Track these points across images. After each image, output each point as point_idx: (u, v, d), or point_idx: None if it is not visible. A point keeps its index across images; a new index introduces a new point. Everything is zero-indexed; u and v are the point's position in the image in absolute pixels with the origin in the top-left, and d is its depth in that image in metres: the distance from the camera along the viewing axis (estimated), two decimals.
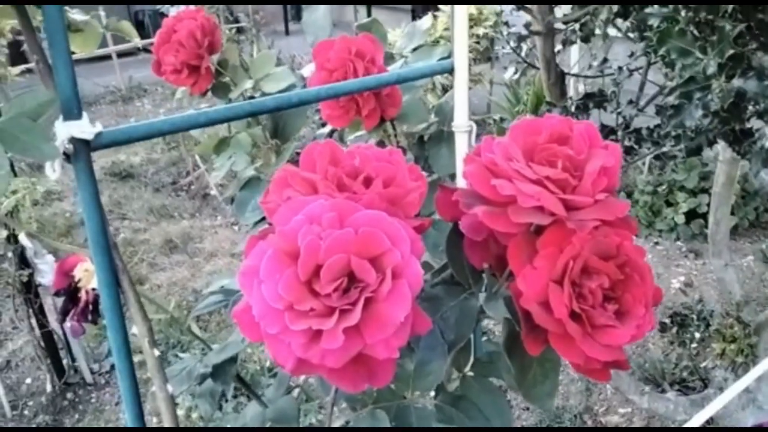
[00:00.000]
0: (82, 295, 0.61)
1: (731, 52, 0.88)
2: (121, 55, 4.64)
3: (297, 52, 4.89)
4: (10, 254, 2.04)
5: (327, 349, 0.45)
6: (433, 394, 0.62)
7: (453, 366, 0.67)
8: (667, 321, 2.17)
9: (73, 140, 0.51)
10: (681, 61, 0.91)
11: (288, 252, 0.47)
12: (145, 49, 5.34)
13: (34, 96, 0.48)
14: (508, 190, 0.51)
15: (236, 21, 4.73)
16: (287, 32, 6.32)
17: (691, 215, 2.95)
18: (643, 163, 3.21)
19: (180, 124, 0.56)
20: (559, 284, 0.50)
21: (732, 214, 2.82)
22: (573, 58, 2.64)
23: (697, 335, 2.09)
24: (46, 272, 2.06)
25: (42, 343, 2.19)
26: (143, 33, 5.24)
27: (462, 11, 0.72)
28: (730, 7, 0.84)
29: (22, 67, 2.19)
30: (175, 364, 0.72)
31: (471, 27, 3.47)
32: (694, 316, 2.13)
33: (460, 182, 0.79)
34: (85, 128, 0.51)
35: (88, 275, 0.61)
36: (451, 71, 0.75)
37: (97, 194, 0.54)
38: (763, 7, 0.90)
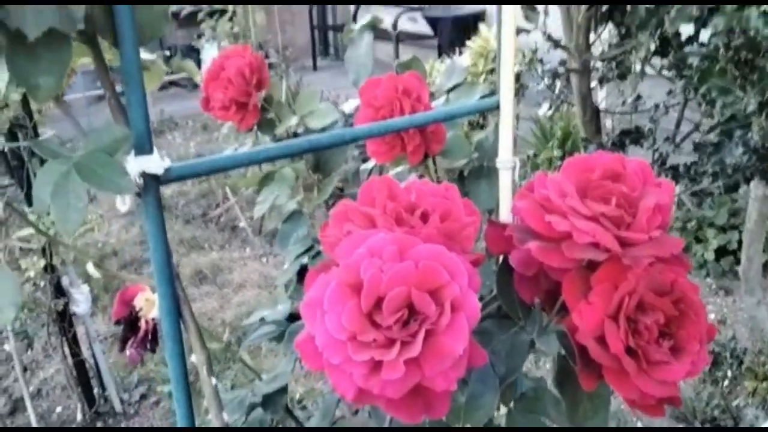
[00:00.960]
0: (142, 324, 0.63)
1: None
2: None
3: (325, 87, 4.97)
4: (43, 283, 2.08)
5: (387, 379, 0.46)
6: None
7: (500, 401, 0.67)
8: None
9: (144, 175, 0.53)
10: (722, 99, 0.92)
11: (351, 284, 0.48)
12: (177, 84, 5.47)
13: (110, 132, 0.51)
14: (563, 226, 0.52)
15: (266, 56, 4.82)
16: (315, 68, 6.43)
17: (721, 252, 2.92)
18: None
19: (242, 160, 0.58)
20: (615, 320, 0.51)
21: (764, 251, 2.79)
22: (601, 94, 2.66)
23: (729, 373, 2.06)
24: (81, 301, 2.10)
25: (74, 372, 2.21)
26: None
27: (509, 49, 0.74)
28: None
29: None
30: (227, 393, 0.73)
31: None
32: (727, 354, 2.10)
33: (504, 217, 0.80)
34: (156, 163, 0.53)
35: (149, 305, 0.63)
36: (496, 108, 0.77)
37: (163, 227, 0.56)
38: None
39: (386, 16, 5.77)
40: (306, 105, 1.03)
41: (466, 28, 4.62)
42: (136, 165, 0.53)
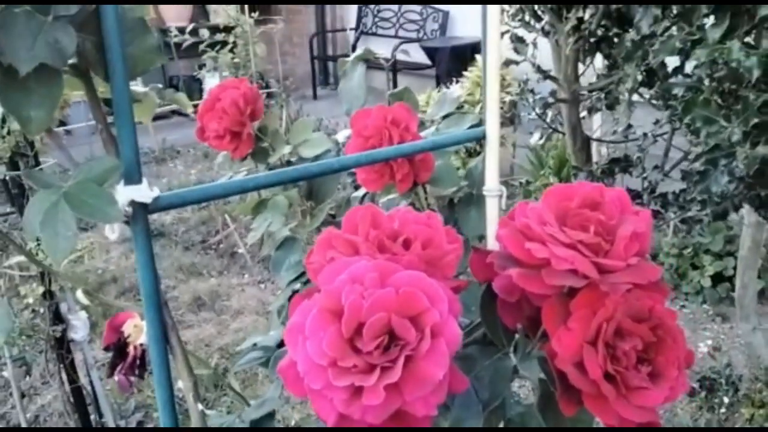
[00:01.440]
0: (131, 350, 0.64)
1: (756, 120, 0.91)
2: (155, 118, 4.79)
3: (325, 115, 5.01)
4: (42, 310, 2.09)
5: (368, 405, 0.47)
6: None
7: (486, 426, 0.67)
8: (696, 386, 2.13)
9: (133, 203, 0.55)
10: (706, 129, 0.94)
11: (332, 310, 0.49)
12: (179, 113, 5.52)
13: (101, 163, 0.52)
14: (542, 253, 0.53)
15: (267, 86, 4.87)
16: (315, 97, 6.49)
17: (718, 278, 2.92)
18: (668, 226, 3.20)
19: (232, 189, 0.60)
20: (594, 346, 0.51)
21: (759, 278, 2.80)
22: (595, 123, 2.68)
23: (726, 400, 2.05)
24: (79, 328, 2.10)
25: (71, 399, 2.20)
26: None
27: (494, 81, 0.76)
28: (754, 77, 0.87)
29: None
30: (214, 418, 0.74)
31: None
32: (723, 381, 2.10)
33: (491, 244, 0.81)
34: (144, 192, 0.55)
35: (137, 331, 0.64)
36: (483, 137, 0.79)
37: (152, 254, 0.57)
38: None
39: (385, 46, 5.84)
40: (299, 134, 1.05)
41: (464, 58, 4.68)
42: (125, 194, 0.54)
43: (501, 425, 0.70)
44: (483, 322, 0.61)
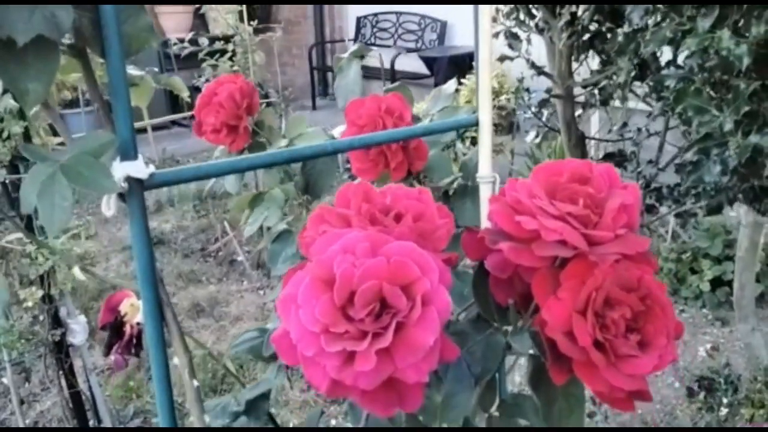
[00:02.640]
0: (127, 329, 0.65)
1: (746, 109, 0.92)
2: (155, 128, 4.81)
3: (324, 125, 5.03)
4: (42, 317, 2.09)
5: (360, 371, 0.48)
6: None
7: (479, 406, 0.68)
8: (695, 386, 2.13)
9: (129, 179, 0.56)
10: (698, 119, 0.95)
11: (324, 279, 0.50)
12: (178, 123, 5.55)
13: (96, 137, 0.53)
14: (532, 225, 0.54)
15: (266, 96, 4.90)
16: (314, 107, 6.51)
17: (717, 283, 2.92)
18: (666, 231, 3.20)
19: (225, 168, 0.61)
20: (583, 314, 0.52)
21: (757, 281, 2.80)
22: (593, 125, 2.70)
23: (725, 401, 2.05)
24: (78, 332, 2.10)
25: (70, 404, 2.20)
26: (178, 108, 5.44)
27: (485, 65, 0.77)
28: (744, 66, 0.88)
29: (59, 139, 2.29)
30: (210, 400, 0.74)
31: (493, 101, 3.57)
32: (722, 380, 2.09)
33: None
34: (140, 168, 0.56)
35: (133, 310, 0.65)
36: (475, 124, 0.80)
37: (147, 230, 0.58)
38: None
39: (384, 56, 5.88)
40: (295, 129, 1.06)
41: (462, 67, 4.71)
42: (121, 169, 0.55)
43: (495, 404, 0.70)
44: (475, 298, 0.62)
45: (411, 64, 5.78)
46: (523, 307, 0.61)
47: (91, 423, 2.26)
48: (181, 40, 3.29)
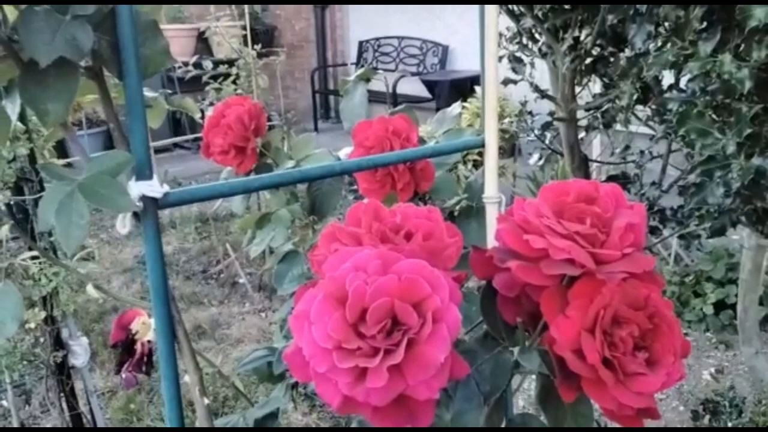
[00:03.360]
0: (138, 347, 0.65)
1: (749, 131, 0.93)
2: (158, 151, 4.84)
3: (326, 147, 5.06)
4: (43, 339, 2.09)
5: (372, 387, 0.48)
6: None
7: (487, 425, 0.68)
8: (699, 410, 2.12)
9: (144, 198, 0.57)
10: (701, 141, 0.96)
11: (337, 297, 0.51)
12: (180, 146, 5.58)
13: (113, 156, 0.54)
14: (540, 244, 0.55)
15: (269, 119, 4.94)
16: (316, 130, 6.55)
17: (720, 306, 2.92)
18: (669, 254, 3.21)
19: (237, 188, 0.62)
20: (591, 332, 0.53)
21: (761, 304, 2.79)
22: (595, 148, 2.72)
23: (730, 424, 2.04)
24: (80, 354, 2.10)
25: (71, 426, 2.19)
26: (180, 131, 5.47)
27: (492, 88, 0.78)
28: (746, 89, 0.89)
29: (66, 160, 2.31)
30: (219, 419, 0.74)
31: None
32: (726, 404, 2.08)
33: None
34: (155, 187, 0.57)
35: (145, 328, 0.65)
36: (482, 146, 0.81)
37: (161, 248, 0.59)
38: None
39: (385, 80, 5.93)
40: (302, 150, 1.07)
41: (463, 90, 4.75)
42: (136, 189, 0.56)
43: (503, 425, 0.70)
44: (483, 317, 0.63)
45: (413, 87, 5.83)
46: (531, 326, 0.62)
47: None
48: (185, 64, 3.33)
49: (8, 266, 2.00)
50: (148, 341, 0.65)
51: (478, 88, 3.99)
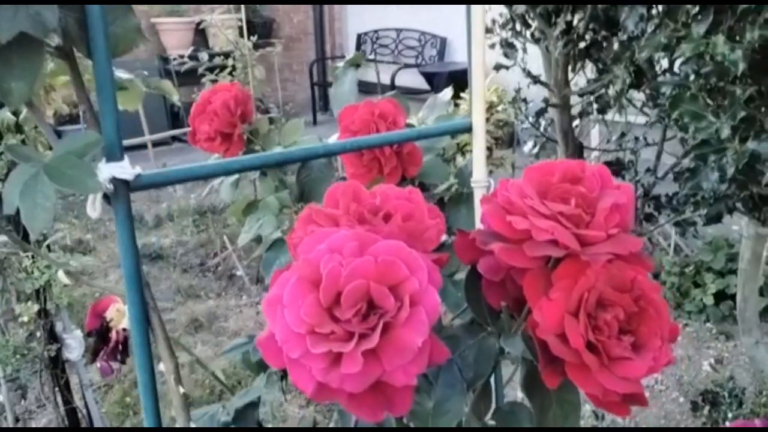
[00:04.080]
0: (113, 335, 0.63)
1: (743, 114, 0.91)
2: (156, 144, 4.82)
3: (324, 139, 5.04)
4: (39, 334, 2.07)
5: (346, 373, 0.47)
6: None
7: (473, 413, 0.67)
8: (699, 400, 2.10)
9: (115, 180, 0.55)
10: (694, 125, 0.94)
11: (310, 279, 0.49)
12: (178, 139, 5.56)
13: (81, 137, 0.53)
14: (523, 225, 0.53)
15: (267, 111, 4.92)
16: (315, 122, 6.53)
17: (720, 296, 2.90)
18: (669, 245, 3.19)
19: (216, 170, 0.60)
20: (575, 315, 0.51)
21: (762, 295, 2.77)
22: (594, 139, 2.70)
23: (730, 415, 2.02)
24: (74, 347, 2.09)
25: (66, 421, 2.18)
26: (178, 123, 5.45)
27: (479, 69, 0.76)
28: (740, 71, 0.87)
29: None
30: (198, 409, 0.73)
31: (492, 114, 3.57)
32: (726, 394, 2.07)
33: None
34: (126, 169, 0.55)
35: (119, 315, 0.64)
36: (469, 129, 0.79)
37: (133, 233, 0.57)
38: None
39: (384, 72, 5.91)
40: (290, 136, 1.06)
41: (461, 81, 4.72)
42: (106, 170, 0.54)
43: (490, 412, 0.69)
44: (467, 302, 0.61)
45: (411, 79, 5.80)
46: (517, 311, 0.60)
47: None
48: (181, 56, 3.30)
49: (4, 259, 1.99)
50: (123, 329, 0.63)
51: None
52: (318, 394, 0.48)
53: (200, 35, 5.89)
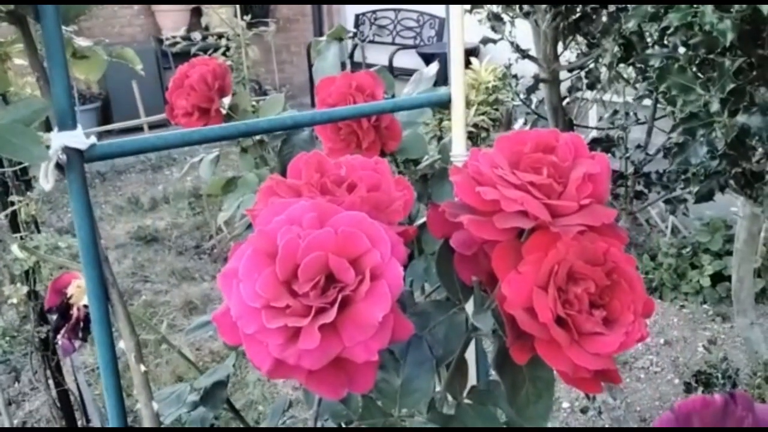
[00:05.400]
0: (74, 311, 0.62)
1: (732, 86, 0.89)
2: (152, 126, 4.79)
3: None
4: (32, 316, 2.06)
5: (304, 349, 0.45)
6: (425, 413, 0.60)
7: (448, 392, 0.65)
8: (692, 381, 2.09)
9: (67, 150, 0.53)
10: (682, 98, 0.92)
11: (267, 252, 0.47)
12: None
13: (28, 103, 0.50)
14: (492, 195, 0.51)
15: (264, 93, 4.88)
16: (313, 104, 6.48)
17: (717, 278, 2.88)
18: (666, 226, 3.17)
19: (173, 141, 0.58)
20: (544, 289, 0.49)
21: (759, 276, 2.75)
22: (593, 120, 2.66)
23: None
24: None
25: (58, 403, 2.17)
26: None
27: (458, 44, 0.74)
28: (728, 42, 0.85)
29: None
30: (165, 388, 0.71)
31: (489, 94, 3.53)
32: (719, 375, 2.06)
33: None
34: (79, 138, 0.53)
35: (80, 292, 0.62)
36: (448, 102, 0.77)
37: (89, 205, 0.55)
38: (762, 42, 0.91)
39: (383, 53, 5.86)
40: (270, 110, 1.03)
41: None
42: (58, 140, 0.52)
43: (465, 391, 0.67)
44: (438, 277, 0.59)
45: (410, 60, 5.75)
46: (490, 286, 0.58)
47: (80, 423, 2.23)
48: (174, 37, 3.27)
49: None
50: (84, 305, 0.61)
51: (474, 60, 3.92)
52: (275, 371, 0.46)
53: (196, 16, 5.83)
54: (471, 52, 4.79)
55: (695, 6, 0.87)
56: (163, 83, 5.64)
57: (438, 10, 6.00)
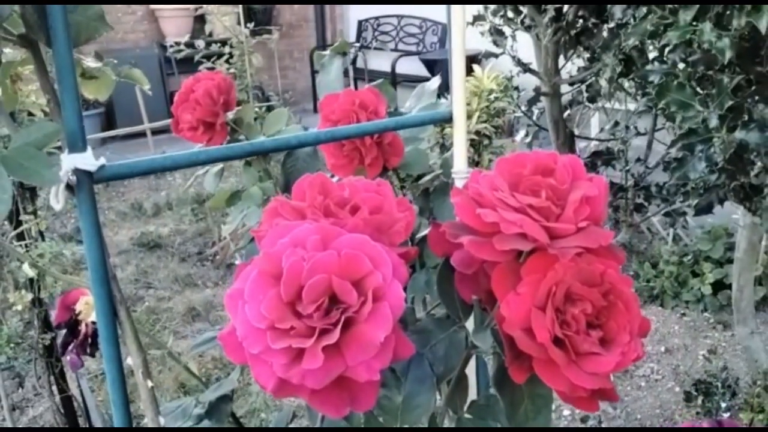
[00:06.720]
0: (82, 328, 0.63)
1: (730, 103, 0.90)
2: (155, 132, 4.81)
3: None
4: (37, 323, 2.07)
5: (307, 369, 0.46)
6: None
7: (448, 407, 0.66)
8: (692, 390, 2.10)
9: (77, 172, 0.54)
10: (681, 114, 0.93)
11: (272, 273, 0.48)
12: None
13: (40, 127, 0.52)
14: (491, 218, 0.52)
15: (267, 99, 4.90)
16: (315, 110, 6.50)
17: (718, 286, 2.89)
18: (668, 234, 3.17)
19: (180, 161, 0.59)
20: (542, 310, 0.50)
21: (760, 284, 2.76)
22: (594, 129, 2.67)
23: (724, 405, 2.02)
24: None
25: (61, 409, 2.18)
26: None
27: (459, 60, 0.75)
28: (727, 59, 0.86)
29: None
30: (172, 402, 0.72)
31: (491, 102, 3.54)
32: (719, 384, 2.06)
33: None
34: (88, 160, 0.54)
35: (88, 308, 0.63)
36: (449, 119, 0.78)
37: (98, 225, 0.56)
38: (761, 59, 0.92)
39: (385, 60, 5.88)
40: (274, 125, 1.05)
41: None
42: (68, 161, 0.53)
43: (466, 406, 0.68)
44: (439, 295, 0.60)
45: (412, 66, 5.77)
46: (489, 305, 0.59)
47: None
48: (178, 43, 3.28)
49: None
50: (93, 322, 0.63)
51: (476, 67, 3.93)
52: (279, 390, 0.48)
53: (200, 23, 5.86)
54: (473, 59, 4.81)
55: (694, 24, 0.88)
56: (167, 89, 5.67)
57: (441, 16, 6.02)
